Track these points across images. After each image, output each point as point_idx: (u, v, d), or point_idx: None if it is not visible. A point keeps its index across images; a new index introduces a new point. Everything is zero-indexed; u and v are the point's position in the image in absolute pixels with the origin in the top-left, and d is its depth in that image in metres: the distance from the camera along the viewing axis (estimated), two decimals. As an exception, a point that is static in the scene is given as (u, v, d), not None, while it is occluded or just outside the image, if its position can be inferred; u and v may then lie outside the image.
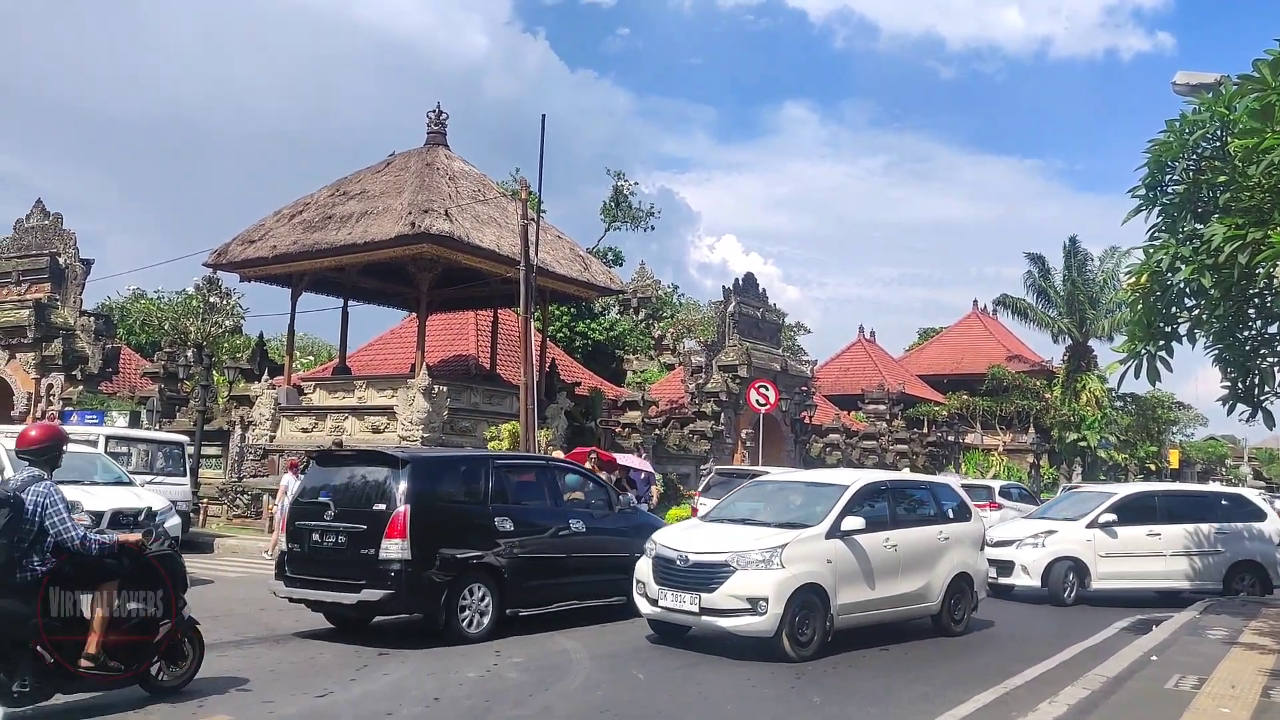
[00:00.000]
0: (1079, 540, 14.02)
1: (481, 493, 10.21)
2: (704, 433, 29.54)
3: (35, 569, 6.36)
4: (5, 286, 28.12)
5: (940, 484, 12.30)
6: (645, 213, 45.02)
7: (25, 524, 6.34)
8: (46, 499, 6.44)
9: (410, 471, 9.50)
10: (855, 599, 9.60)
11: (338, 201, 22.55)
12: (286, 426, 22.91)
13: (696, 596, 9.12)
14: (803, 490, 10.89)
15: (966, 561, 10.97)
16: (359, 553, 9.33)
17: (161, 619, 6.93)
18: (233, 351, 36.23)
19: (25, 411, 26.45)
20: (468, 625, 9.61)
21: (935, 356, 54.93)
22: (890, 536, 10.09)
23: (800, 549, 9.19)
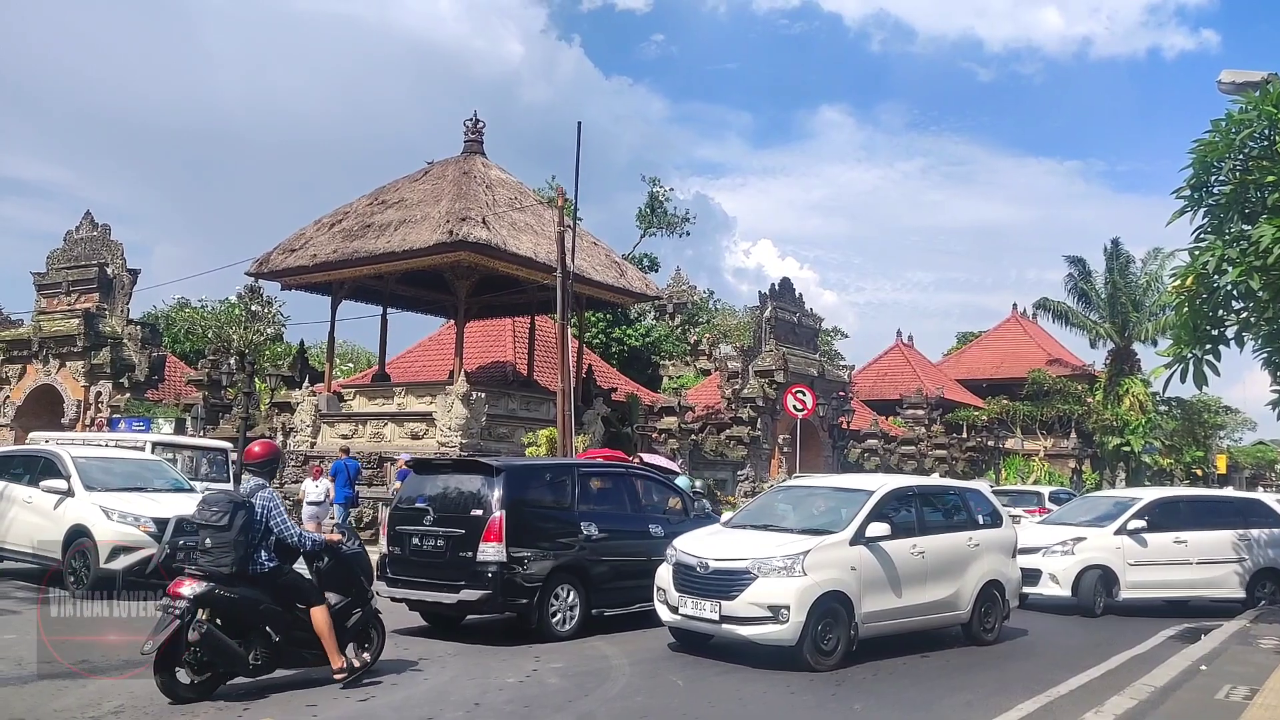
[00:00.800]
0: (1109, 547, 13.49)
1: (568, 499, 10.77)
2: (741, 438, 29.47)
3: (264, 563, 7.52)
4: (56, 296, 28.74)
5: (971, 489, 12.01)
6: (681, 218, 45.06)
7: (256, 525, 7.46)
8: (271, 503, 7.59)
9: (504, 480, 10.12)
10: (881, 607, 9.41)
11: (376, 210, 22.79)
12: (327, 433, 23.17)
13: (717, 604, 8.95)
14: (827, 495, 10.66)
15: (998, 569, 10.73)
16: (457, 556, 9.97)
17: (354, 608, 7.98)
18: (274, 359, 36.71)
19: (75, 419, 27.00)
20: (558, 624, 10.16)
21: (974, 361, 54.37)
22: (918, 543, 9.89)
23: (823, 556, 9.02)
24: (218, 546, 7.27)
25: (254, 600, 7.38)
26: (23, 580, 13.05)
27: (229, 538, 7.26)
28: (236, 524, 7.29)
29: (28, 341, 28.71)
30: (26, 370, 28.75)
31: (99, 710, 6.88)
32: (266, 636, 7.45)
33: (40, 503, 12.67)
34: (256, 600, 7.39)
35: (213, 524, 7.32)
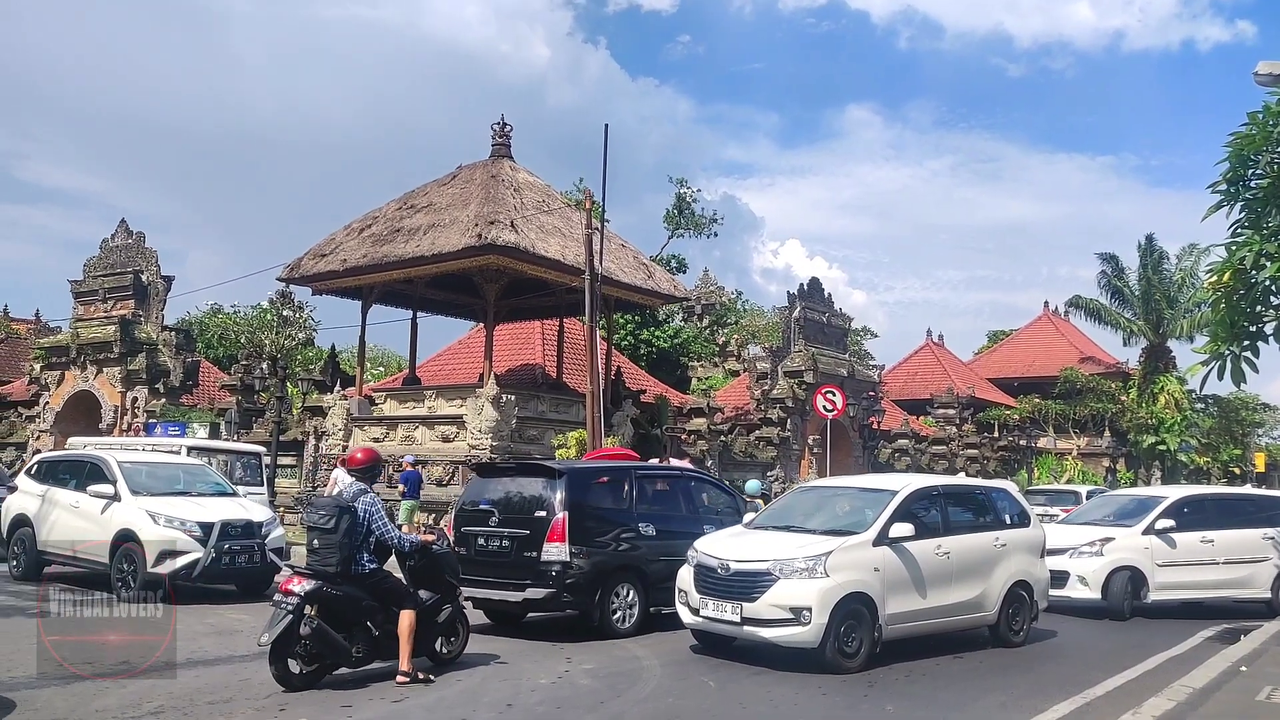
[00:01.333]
0: (1138, 548, 13.10)
1: (626, 500, 11.14)
2: (770, 439, 29.38)
3: (365, 564, 8.04)
4: (93, 304, 29.19)
5: (997, 488, 11.87)
6: (708, 219, 44.96)
7: (359, 528, 7.96)
8: (372, 507, 8.09)
9: (567, 482, 10.53)
10: (905, 608, 9.31)
11: (405, 214, 22.96)
12: (359, 436, 23.35)
13: (738, 606, 8.89)
14: (850, 496, 10.57)
15: (1025, 569, 10.58)
16: (522, 555, 10.37)
17: (443, 604, 8.54)
18: (306, 363, 37.07)
19: (112, 424, 27.40)
20: (618, 622, 10.49)
21: (1005, 359, 53.87)
22: (942, 543, 9.78)
23: (845, 557, 8.93)
24: (324, 547, 7.84)
25: (356, 598, 7.92)
26: (67, 584, 13.26)
27: (335, 539, 7.81)
28: (342, 527, 7.82)
29: (66, 348, 29.17)
30: (65, 376, 29.22)
31: (139, 710, 6.98)
32: (367, 630, 7.99)
33: (87, 507, 12.87)
34: (359, 598, 7.93)
35: (320, 526, 7.89)
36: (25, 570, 13.54)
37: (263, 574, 12.97)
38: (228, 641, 9.84)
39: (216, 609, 11.84)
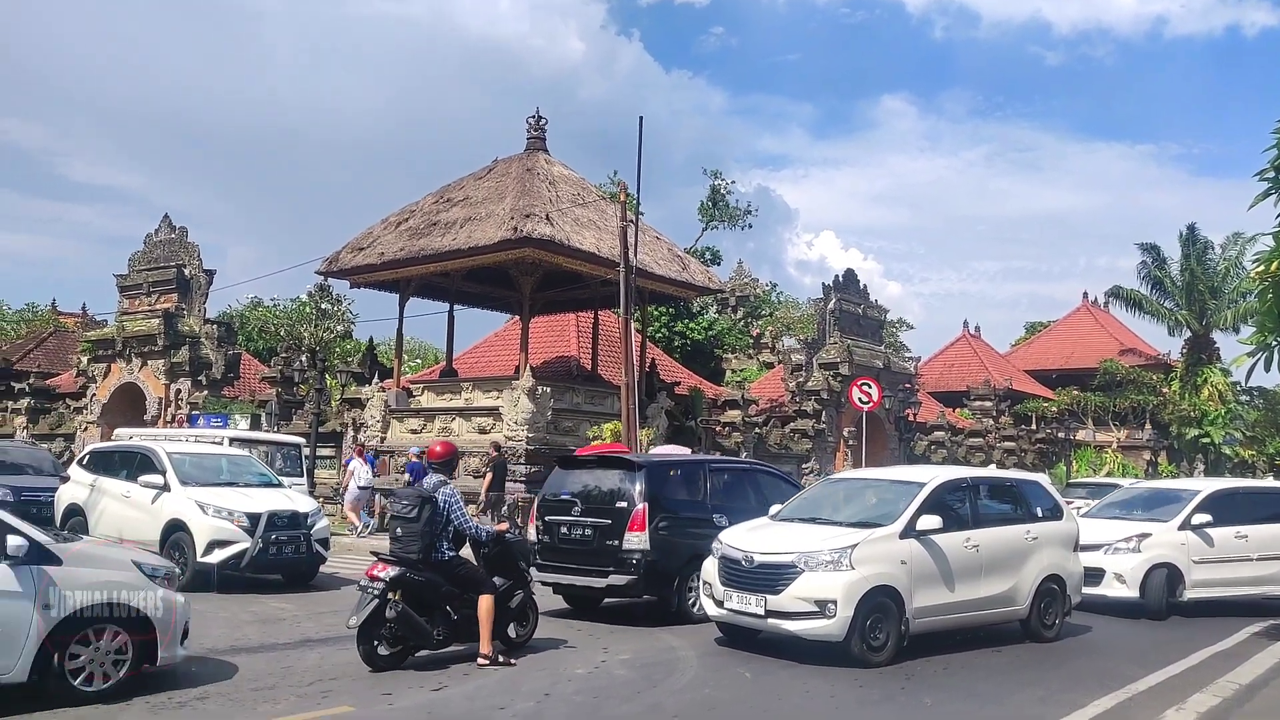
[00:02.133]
0: (1174, 544, 12.64)
1: (701, 492, 11.54)
2: (805, 431, 29.30)
3: (445, 551, 8.42)
4: (137, 297, 29.70)
5: (1029, 480, 11.67)
6: (743, 211, 44.85)
7: (439, 517, 8.34)
8: (451, 498, 8.48)
9: (645, 475, 11.02)
10: (933, 602, 9.21)
11: (442, 208, 23.12)
12: (396, 428, 23.60)
13: (762, 599, 8.85)
14: (878, 488, 10.46)
15: (1057, 563, 10.44)
16: (604, 544, 10.83)
17: (515, 590, 8.90)
18: (344, 356, 37.50)
19: (156, 415, 27.89)
20: (694, 608, 10.72)
21: (1043, 351, 53.24)
22: (972, 536, 9.66)
23: (872, 549, 8.85)
24: (407, 535, 8.23)
25: (437, 583, 8.32)
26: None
27: (417, 528, 8.20)
28: (423, 516, 8.21)
29: (112, 341, 29.73)
30: (111, 369, 29.77)
31: (186, 696, 7.14)
32: (447, 615, 8.42)
33: (138, 497, 13.12)
34: (439, 583, 8.33)
35: (403, 516, 8.29)
36: (76, 559, 13.82)
37: (308, 564, 13.19)
38: (272, 630, 10.03)
39: (261, 598, 12.05)
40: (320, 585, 13.34)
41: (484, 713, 7.00)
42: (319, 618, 10.59)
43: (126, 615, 7.01)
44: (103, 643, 6.89)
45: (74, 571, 6.86)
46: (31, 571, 6.61)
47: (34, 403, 32.22)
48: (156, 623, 7.15)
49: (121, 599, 7.00)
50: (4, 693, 6.52)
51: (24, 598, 6.53)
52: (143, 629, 7.09)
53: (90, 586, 6.88)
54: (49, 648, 6.61)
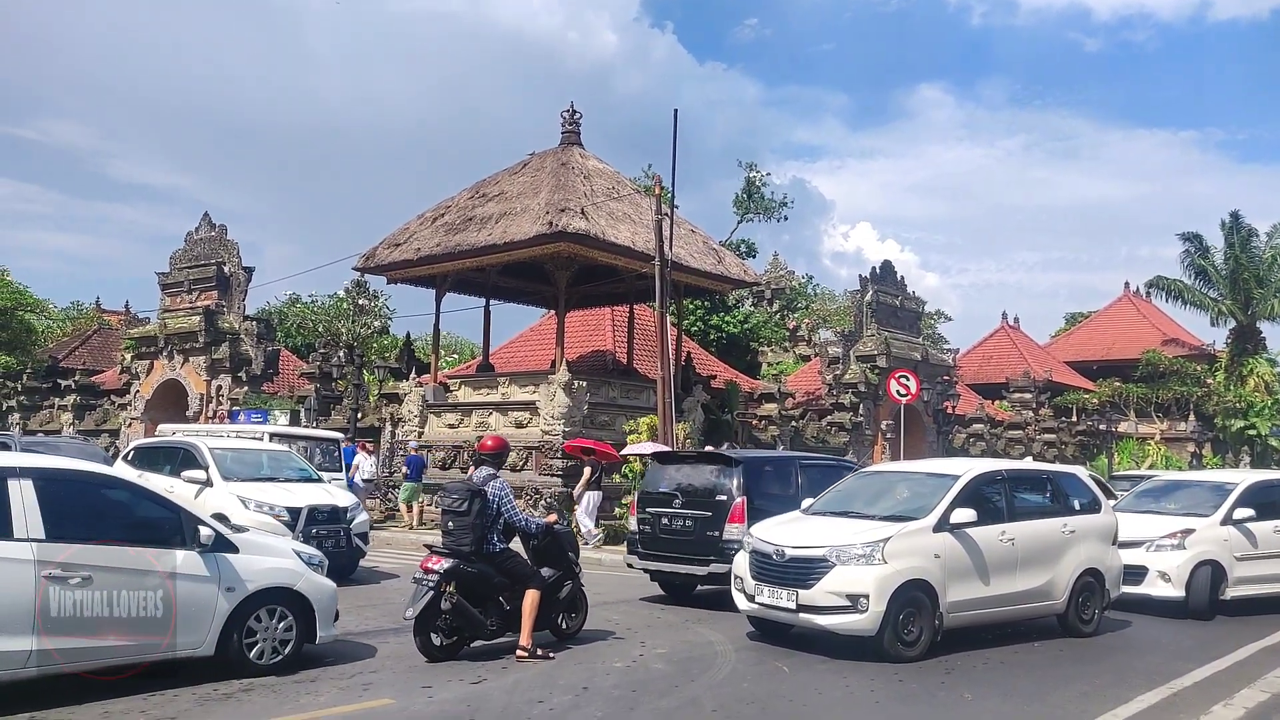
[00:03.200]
0: (1217, 540, 12.11)
1: (793, 486, 11.95)
2: (842, 424, 29.14)
3: (495, 544, 8.63)
4: (178, 295, 30.16)
5: (1066, 473, 11.44)
6: (778, 203, 44.50)
7: (490, 510, 8.52)
8: (502, 491, 8.67)
9: (743, 470, 11.64)
10: (967, 596, 9.09)
11: (477, 203, 23.23)
12: (434, 422, 23.77)
13: (794, 593, 8.78)
14: (911, 481, 10.29)
15: (1096, 556, 10.26)
16: (705, 534, 11.48)
17: (564, 580, 9.11)
18: (381, 351, 37.85)
19: (198, 411, 28.32)
20: None
21: (1084, 342, 52.50)
22: (1007, 529, 9.53)
23: (904, 543, 8.75)
24: (459, 529, 8.46)
25: (489, 575, 8.54)
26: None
27: (468, 521, 8.43)
28: (474, 509, 8.43)
29: (154, 338, 30.22)
30: (154, 366, 30.27)
31: (230, 688, 7.25)
32: (500, 605, 8.63)
33: (181, 492, 13.28)
34: (490, 575, 8.56)
35: (454, 510, 8.51)
36: (122, 553, 14.07)
37: (348, 558, 13.30)
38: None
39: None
40: (360, 579, 13.47)
41: (522, 706, 7.03)
42: (359, 611, 10.69)
43: (291, 598, 7.84)
44: (273, 622, 7.72)
45: (248, 559, 7.67)
46: (216, 559, 7.41)
47: (80, 399, 32.88)
48: (316, 605, 7.96)
49: (286, 583, 7.85)
50: (195, 664, 7.39)
51: (211, 582, 7.34)
52: (304, 610, 7.89)
53: (261, 572, 7.72)
54: (230, 626, 7.43)
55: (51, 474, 7.11)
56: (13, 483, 6.64)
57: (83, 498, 7.24)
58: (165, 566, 7.12)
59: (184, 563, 7.22)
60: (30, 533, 6.55)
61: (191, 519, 7.50)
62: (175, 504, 7.77)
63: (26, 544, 6.50)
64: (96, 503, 7.29)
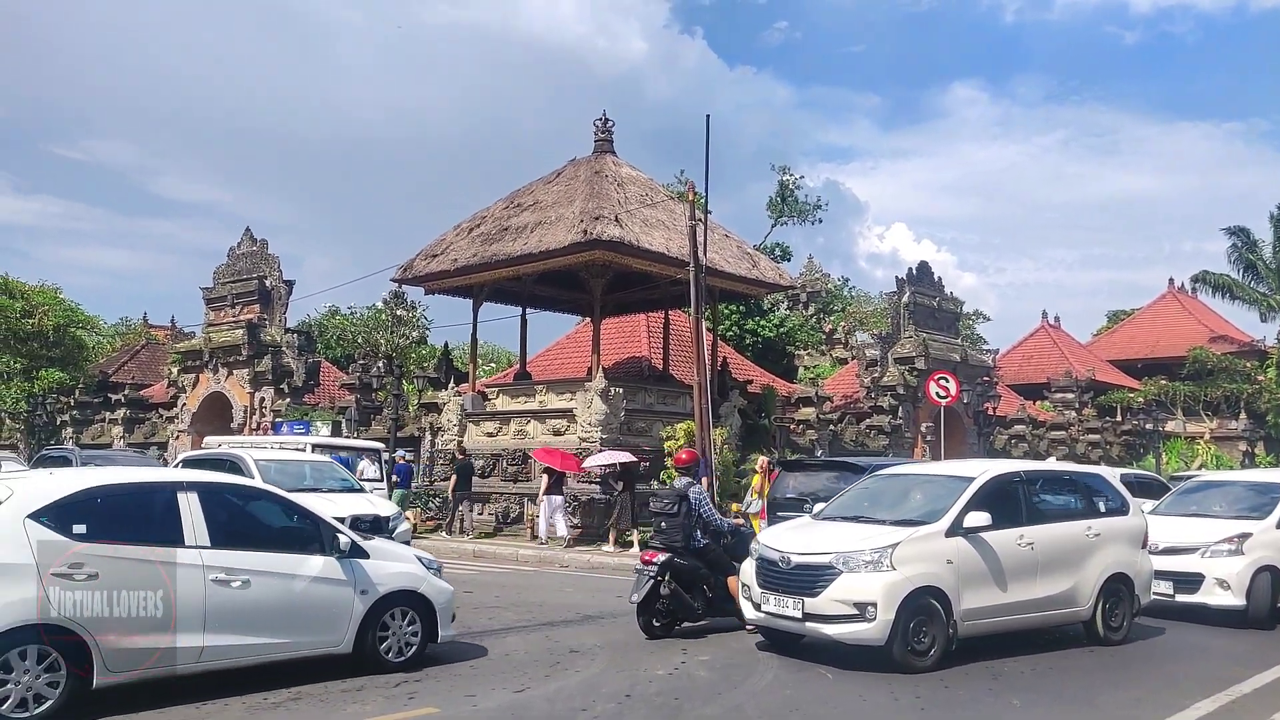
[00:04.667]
0: (1274, 544, 11.46)
1: None
2: (881, 427, 28.94)
3: (699, 540, 10.17)
4: (222, 309, 30.67)
5: (1090, 473, 11.04)
6: (811, 206, 44.45)
7: (692, 512, 10.05)
8: (701, 496, 10.33)
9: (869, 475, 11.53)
10: (983, 603, 8.76)
11: (512, 213, 23.37)
12: (473, 431, 23.92)
13: (799, 601, 8.51)
14: (925, 484, 9.95)
15: (1123, 561, 9.86)
16: None
17: (729, 575, 10.15)
18: (420, 361, 38.15)
19: (242, 423, 28.75)
20: None
21: (1127, 340, 51.66)
22: (1025, 533, 9.17)
23: (914, 549, 8.45)
24: (670, 527, 9.98)
25: (696, 566, 9.97)
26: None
27: (678, 520, 9.94)
28: (681, 511, 9.95)
29: (200, 352, 30.75)
30: (199, 379, 30.79)
31: (279, 697, 7.33)
32: (704, 592, 10.01)
33: None
34: (697, 566, 9.98)
35: (666, 511, 10.06)
36: (171, 564, 14.31)
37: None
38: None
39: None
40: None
41: (565, 714, 7.05)
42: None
43: (416, 600, 8.41)
44: (402, 622, 8.31)
45: (379, 564, 8.29)
46: (351, 564, 8.04)
47: (129, 413, 33.54)
48: (437, 606, 8.53)
49: (412, 586, 8.43)
50: (334, 661, 7.96)
51: (348, 585, 7.97)
52: (427, 612, 8.46)
53: (390, 576, 8.30)
54: (365, 626, 8.03)
55: (212, 487, 7.81)
56: (181, 495, 7.31)
57: (239, 508, 7.96)
58: (309, 571, 7.79)
59: (325, 568, 7.87)
60: (198, 540, 7.19)
61: (329, 528, 8.15)
62: (315, 514, 8.34)
63: (195, 550, 7.15)
64: (250, 513, 8.06)
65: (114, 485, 7.47)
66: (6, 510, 6.67)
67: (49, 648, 6.43)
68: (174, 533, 7.11)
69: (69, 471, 8.85)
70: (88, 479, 7.40)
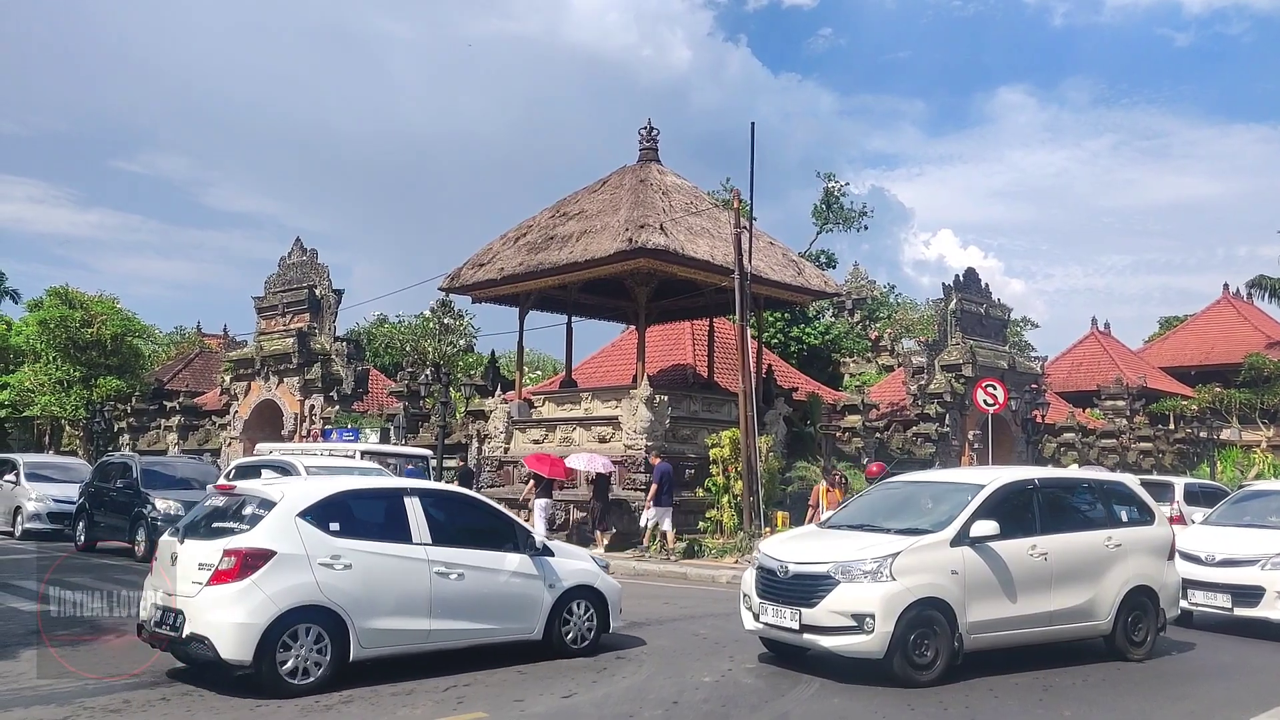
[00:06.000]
0: None
1: None
2: (928, 435, 28.68)
3: None
4: (273, 318, 31.22)
5: (1112, 481, 10.66)
6: (857, 213, 44.16)
7: None
8: None
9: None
10: (991, 616, 8.48)
11: (558, 222, 23.54)
12: (519, 438, 24.11)
13: (797, 612, 8.30)
14: (935, 492, 9.68)
15: (1147, 573, 9.50)
16: None
17: None
18: (467, 369, 38.52)
19: (293, 430, 29.22)
20: None
21: (1180, 347, 50.69)
22: (1038, 543, 8.88)
23: (916, 559, 8.22)
24: None
25: None
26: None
27: None
28: None
29: (251, 360, 31.32)
30: (251, 387, 31.36)
31: (330, 700, 7.47)
32: None
33: None
34: None
35: None
36: (227, 568, 14.59)
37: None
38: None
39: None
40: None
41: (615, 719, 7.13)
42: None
43: (592, 594, 9.37)
44: (582, 614, 9.26)
45: (562, 561, 9.31)
46: (541, 561, 9.05)
47: (184, 420, 34.23)
48: (609, 600, 9.46)
49: (589, 582, 9.40)
50: (527, 647, 8.90)
51: (539, 579, 8.97)
52: (600, 605, 9.39)
53: (571, 572, 9.28)
54: (553, 616, 9.01)
55: (430, 493, 9.16)
56: (408, 500, 8.54)
57: (452, 511, 9.07)
58: (509, 566, 8.88)
59: (520, 564, 8.92)
60: (422, 538, 8.36)
61: (522, 529, 9.39)
62: (510, 517, 9.56)
63: (421, 547, 8.31)
64: (460, 515, 9.14)
65: (356, 490, 8.76)
66: (281, 510, 7.82)
67: (319, 626, 7.62)
68: (403, 531, 8.30)
69: (319, 479, 10.21)
70: (336, 485, 8.66)
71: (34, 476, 20.21)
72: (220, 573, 7.45)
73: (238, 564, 7.45)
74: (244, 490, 8.52)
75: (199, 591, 7.49)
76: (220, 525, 8.08)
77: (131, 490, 17.08)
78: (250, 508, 8.02)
